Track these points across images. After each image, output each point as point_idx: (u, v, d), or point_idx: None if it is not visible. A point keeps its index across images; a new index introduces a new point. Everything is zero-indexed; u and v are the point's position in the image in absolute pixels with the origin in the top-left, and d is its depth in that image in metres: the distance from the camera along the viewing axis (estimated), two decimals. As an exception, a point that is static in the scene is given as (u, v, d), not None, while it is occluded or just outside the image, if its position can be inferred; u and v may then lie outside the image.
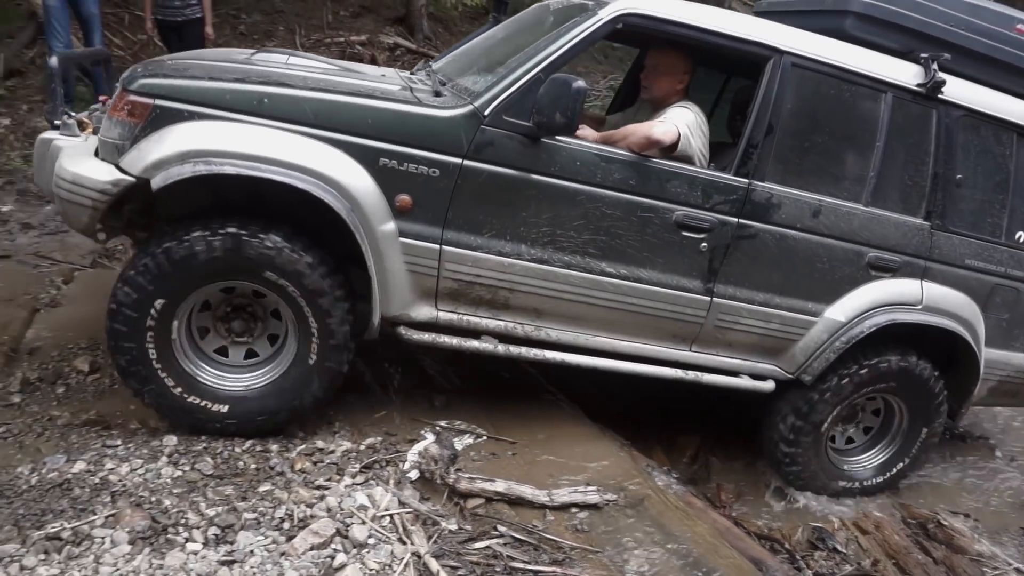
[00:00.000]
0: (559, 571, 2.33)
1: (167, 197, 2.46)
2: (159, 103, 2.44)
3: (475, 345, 2.82)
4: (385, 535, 2.30)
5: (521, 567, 2.31)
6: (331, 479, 2.56)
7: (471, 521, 2.50)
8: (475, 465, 2.78)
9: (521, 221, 2.73)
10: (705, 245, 2.92)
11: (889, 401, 3.50)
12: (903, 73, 3.08)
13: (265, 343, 2.76)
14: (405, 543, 2.28)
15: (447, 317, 2.82)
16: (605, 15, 2.74)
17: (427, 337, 2.78)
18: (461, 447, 2.86)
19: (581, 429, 3.25)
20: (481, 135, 2.62)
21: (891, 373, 3.30)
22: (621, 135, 2.86)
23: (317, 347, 2.62)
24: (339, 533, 2.29)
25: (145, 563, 2.09)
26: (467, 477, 2.60)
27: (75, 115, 2.88)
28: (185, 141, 2.41)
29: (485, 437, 2.99)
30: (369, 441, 2.81)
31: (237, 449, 2.69)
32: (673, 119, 2.91)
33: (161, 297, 2.48)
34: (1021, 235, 3.37)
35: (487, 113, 2.62)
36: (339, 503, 2.41)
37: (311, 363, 2.64)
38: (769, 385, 3.23)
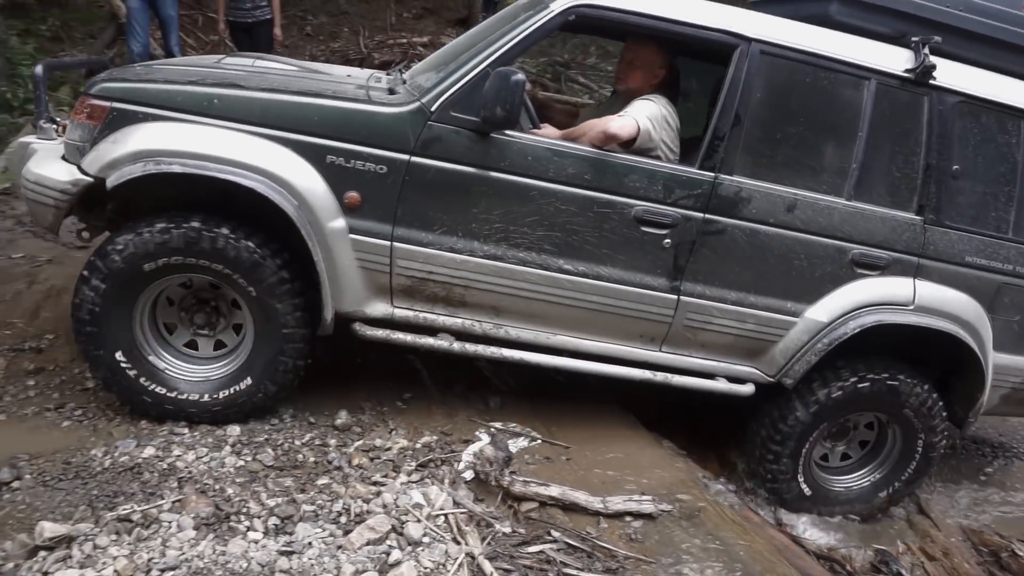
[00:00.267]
0: (612, 580, 2.31)
1: (141, 195, 2.54)
2: (116, 106, 2.52)
3: (430, 343, 2.79)
4: (440, 534, 2.31)
5: (574, 574, 2.30)
6: (387, 476, 2.59)
7: (524, 525, 2.50)
8: (529, 468, 2.77)
9: (472, 217, 2.69)
10: (668, 241, 2.81)
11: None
12: (889, 59, 2.90)
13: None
14: (459, 543, 2.29)
15: (403, 314, 2.80)
16: (556, 8, 2.68)
17: (381, 333, 2.76)
18: (515, 449, 2.85)
19: (635, 436, 3.22)
20: (428, 131, 2.60)
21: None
22: (581, 131, 2.80)
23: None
24: (394, 530, 2.31)
25: (209, 549, 2.15)
26: (521, 480, 2.60)
27: (60, 120, 2.94)
28: (138, 142, 2.48)
29: (539, 440, 2.98)
30: (425, 440, 2.84)
31: (297, 442, 2.75)
32: (633, 112, 2.82)
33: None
34: None
35: (434, 109, 2.60)
36: (395, 500, 2.44)
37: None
38: (747, 389, 3.07)
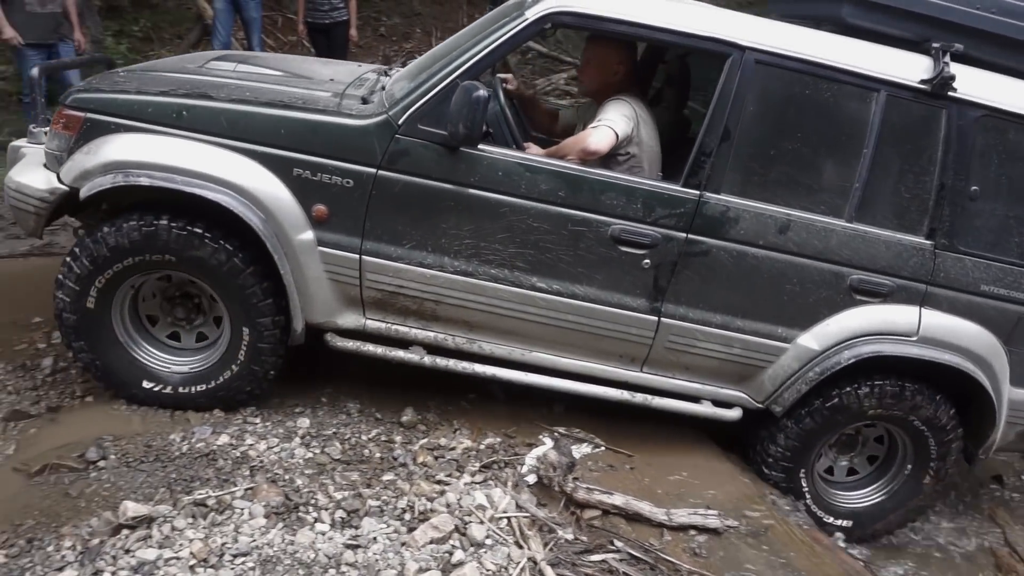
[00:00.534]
0: (676, 594, 2.26)
1: (129, 195, 2.58)
2: (89, 116, 2.55)
3: (401, 355, 2.76)
4: (502, 537, 2.32)
5: (637, 585, 2.27)
6: (451, 475, 2.61)
7: (587, 532, 2.47)
8: (592, 475, 2.75)
9: (442, 233, 2.64)
10: (648, 262, 2.70)
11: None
12: (902, 67, 2.68)
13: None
14: (522, 547, 2.29)
15: (375, 326, 2.77)
16: (531, 15, 2.58)
17: (351, 345, 2.76)
18: (579, 455, 2.83)
19: (701, 448, 3.15)
20: (395, 144, 2.55)
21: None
22: (563, 152, 2.73)
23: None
24: (457, 530, 2.32)
25: (278, 538, 2.21)
26: (585, 487, 2.57)
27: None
28: (108, 153, 2.50)
29: (603, 448, 2.95)
30: (488, 441, 2.85)
31: (363, 437, 2.80)
32: (607, 119, 2.73)
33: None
34: None
35: (401, 122, 2.55)
36: (458, 500, 2.45)
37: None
38: (734, 414, 2.97)
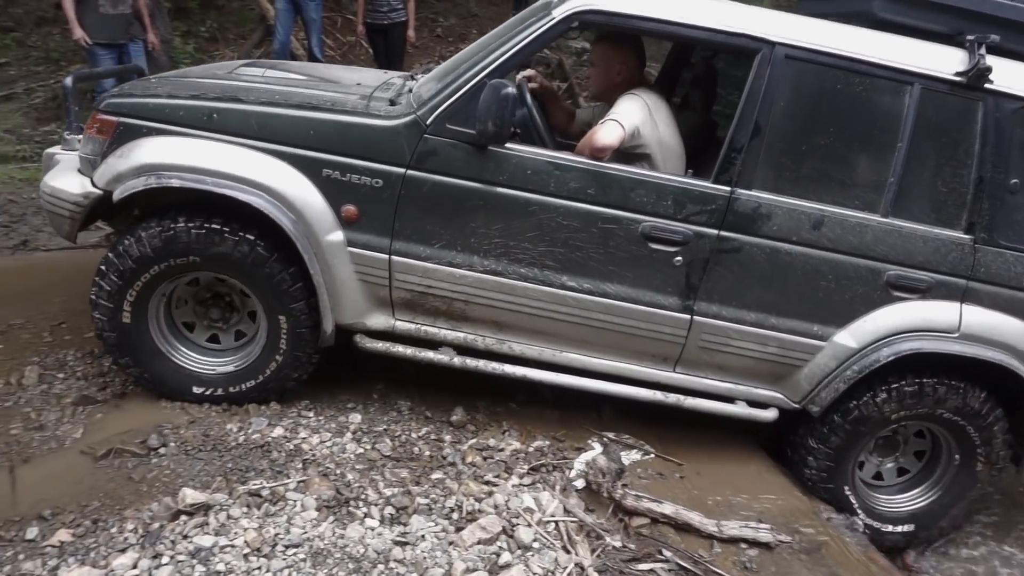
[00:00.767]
0: (725, 608, 2.22)
1: (160, 199, 2.60)
2: (123, 120, 2.58)
3: (430, 356, 2.75)
4: (550, 541, 2.31)
5: (685, 597, 2.23)
6: (499, 476, 2.62)
7: (635, 540, 2.45)
8: (641, 483, 2.72)
9: (471, 232, 2.63)
10: (680, 259, 2.66)
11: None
12: (936, 60, 2.63)
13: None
14: (569, 552, 2.28)
15: (404, 327, 2.76)
16: (558, 14, 2.57)
17: (381, 346, 2.75)
18: (628, 462, 2.80)
19: (753, 460, 3.09)
20: (424, 144, 2.55)
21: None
22: (577, 152, 2.68)
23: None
24: (505, 531, 2.32)
25: (329, 531, 2.24)
26: (634, 494, 2.55)
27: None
28: (141, 156, 2.53)
29: (653, 455, 2.91)
30: (537, 444, 2.84)
31: (413, 435, 2.82)
32: (615, 115, 2.69)
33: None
34: None
35: (430, 122, 2.55)
36: (506, 502, 2.45)
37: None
38: (770, 414, 2.91)
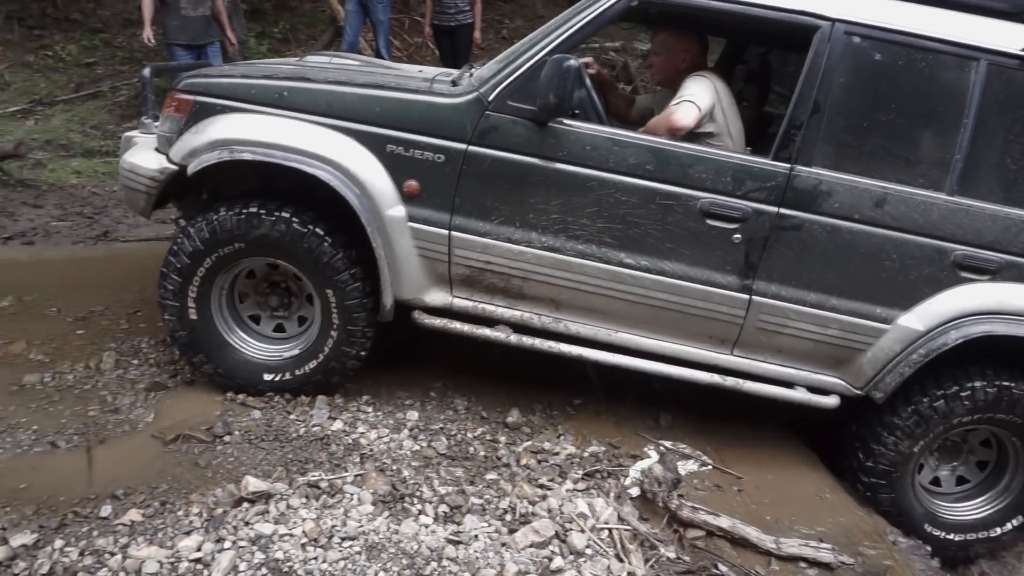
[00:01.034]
0: (783, 628, 2.16)
1: (228, 184, 2.72)
2: (199, 99, 2.70)
3: (487, 333, 2.76)
4: (602, 548, 2.28)
5: (741, 614, 2.18)
6: (553, 480, 2.60)
7: (689, 552, 2.40)
8: (698, 494, 2.66)
9: (530, 208, 2.64)
10: (739, 236, 2.61)
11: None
12: (1003, 36, 2.56)
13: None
14: (622, 561, 2.25)
15: (462, 304, 2.79)
16: None
17: (439, 323, 2.77)
18: (684, 472, 2.75)
19: (815, 476, 2.99)
20: (485, 121, 2.59)
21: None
22: (649, 132, 2.70)
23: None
24: (558, 536, 2.31)
25: (384, 526, 2.27)
26: (690, 505, 2.50)
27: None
28: (215, 132, 2.64)
29: (710, 467, 2.85)
30: (592, 449, 2.82)
31: (469, 435, 2.83)
32: (688, 95, 2.70)
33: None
34: None
35: (491, 98, 2.59)
36: (560, 506, 2.44)
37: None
38: (831, 401, 2.80)
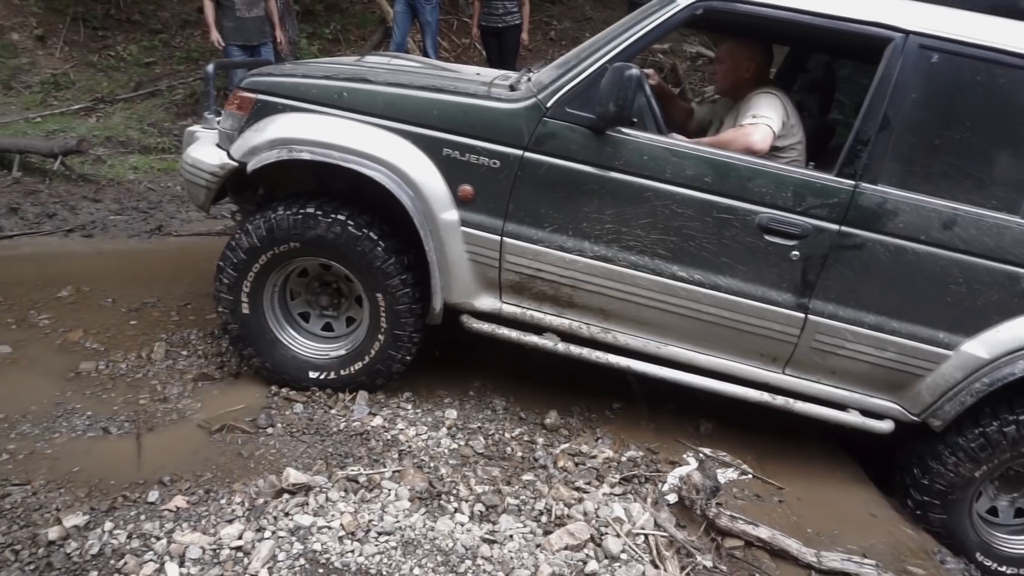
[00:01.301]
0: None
1: (285, 181, 2.76)
2: (260, 97, 2.74)
3: (535, 340, 2.76)
4: (638, 554, 2.26)
5: (778, 627, 2.13)
6: (590, 483, 2.59)
7: (727, 562, 2.36)
8: (737, 503, 2.62)
9: (584, 216, 2.62)
10: (796, 254, 2.56)
11: None
12: None
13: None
14: (657, 567, 2.22)
15: (511, 310, 2.79)
16: (682, 2, 2.54)
17: (487, 327, 2.77)
18: (724, 480, 2.71)
19: (860, 489, 2.92)
20: (543, 127, 2.57)
21: None
22: (718, 146, 2.64)
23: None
24: (593, 540, 2.30)
25: (420, 522, 2.29)
26: (728, 514, 2.46)
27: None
28: (275, 130, 2.67)
29: (751, 476, 2.80)
30: (630, 454, 2.80)
31: (507, 435, 2.84)
32: (763, 117, 2.67)
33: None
34: None
35: (550, 105, 2.57)
36: (595, 510, 2.43)
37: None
38: (885, 426, 2.74)
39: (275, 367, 2.90)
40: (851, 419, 2.74)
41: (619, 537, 2.31)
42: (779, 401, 2.76)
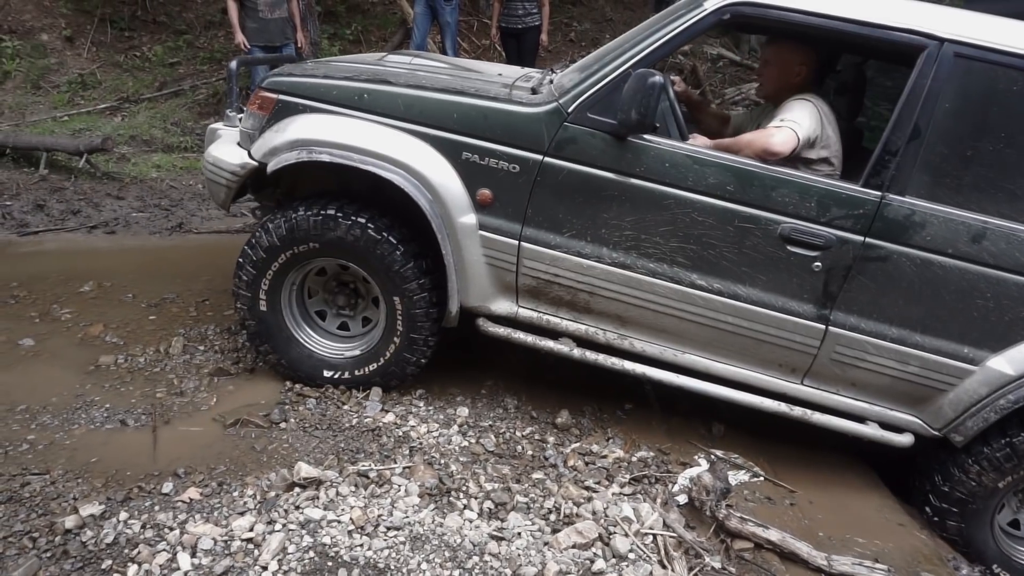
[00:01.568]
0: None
1: (305, 179, 2.77)
2: (281, 98, 2.75)
3: (550, 345, 2.77)
4: (646, 554, 2.26)
5: (787, 631, 2.12)
6: (600, 483, 2.59)
7: (736, 564, 2.35)
8: (747, 505, 2.60)
9: (603, 223, 2.60)
10: (819, 265, 2.51)
11: None
12: None
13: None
14: (665, 568, 2.22)
15: (527, 314, 2.79)
16: (709, 6, 2.48)
17: (503, 331, 2.78)
18: (735, 482, 2.70)
19: (873, 494, 2.89)
20: (563, 132, 2.55)
21: None
22: (737, 146, 2.54)
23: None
24: (601, 539, 2.30)
25: (429, 518, 2.30)
26: (738, 516, 2.44)
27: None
28: (295, 131, 2.68)
29: (762, 478, 2.79)
30: (641, 454, 2.79)
31: (518, 433, 2.85)
32: (790, 121, 2.57)
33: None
34: None
35: (571, 110, 2.54)
36: (604, 509, 2.43)
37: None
38: (905, 439, 2.70)
39: (290, 364, 2.93)
40: (870, 432, 2.71)
41: (627, 537, 2.31)
42: (796, 412, 2.74)
